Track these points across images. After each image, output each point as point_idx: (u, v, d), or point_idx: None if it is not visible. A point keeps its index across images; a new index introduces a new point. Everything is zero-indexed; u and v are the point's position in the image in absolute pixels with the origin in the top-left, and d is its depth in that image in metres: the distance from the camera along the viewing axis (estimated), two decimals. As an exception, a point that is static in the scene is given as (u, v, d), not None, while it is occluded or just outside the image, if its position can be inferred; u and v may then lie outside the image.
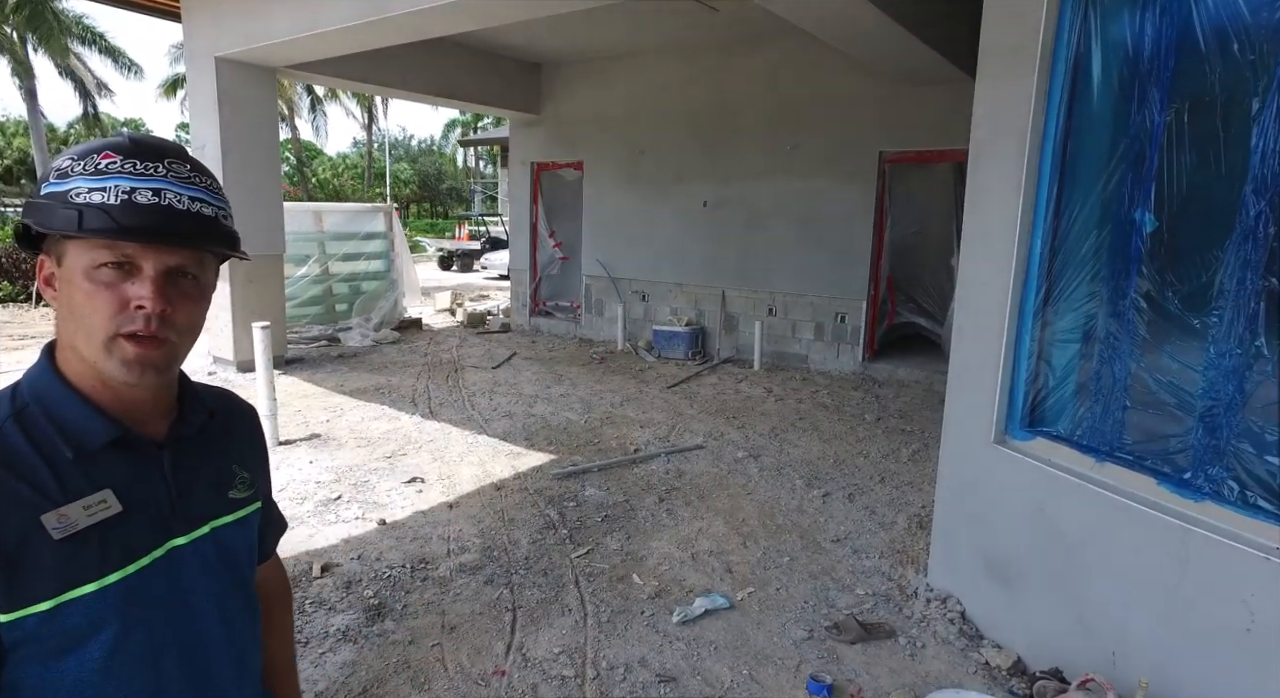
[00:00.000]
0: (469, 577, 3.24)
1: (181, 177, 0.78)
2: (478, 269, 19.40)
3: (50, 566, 0.73)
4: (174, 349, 0.80)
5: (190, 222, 0.78)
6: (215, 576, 0.89)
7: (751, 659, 2.71)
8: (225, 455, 0.95)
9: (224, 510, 0.92)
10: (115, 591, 0.77)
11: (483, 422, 5.61)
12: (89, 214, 0.73)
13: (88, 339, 0.77)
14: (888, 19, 4.66)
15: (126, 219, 0.74)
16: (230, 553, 0.92)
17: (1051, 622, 2.50)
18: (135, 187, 0.75)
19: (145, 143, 0.79)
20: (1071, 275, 2.52)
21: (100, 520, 0.77)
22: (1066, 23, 2.42)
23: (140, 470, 0.83)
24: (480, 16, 5.37)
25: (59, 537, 0.74)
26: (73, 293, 0.77)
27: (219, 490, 0.92)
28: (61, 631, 0.74)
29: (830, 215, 7.45)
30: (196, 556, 0.86)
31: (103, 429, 0.79)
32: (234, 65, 6.68)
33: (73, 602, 0.75)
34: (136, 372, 0.77)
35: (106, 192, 0.74)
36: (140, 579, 0.80)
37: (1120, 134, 2.27)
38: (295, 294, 8.76)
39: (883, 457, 5.02)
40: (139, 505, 0.81)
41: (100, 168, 0.75)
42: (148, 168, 0.76)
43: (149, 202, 0.75)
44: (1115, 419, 2.33)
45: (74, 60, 22.24)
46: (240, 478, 0.96)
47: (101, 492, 0.78)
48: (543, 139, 9.64)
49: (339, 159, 43.08)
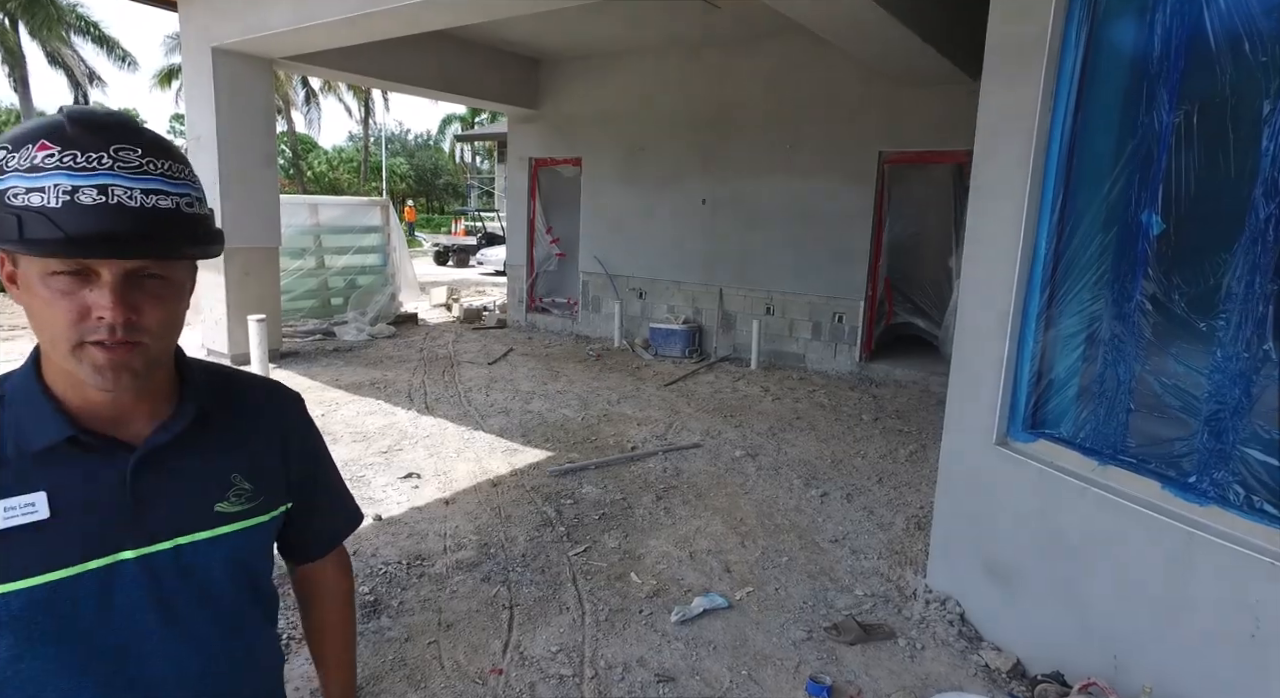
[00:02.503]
0: (466, 574, 3.22)
1: (130, 165, 0.69)
2: (473, 265, 19.34)
3: None
4: (147, 351, 0.75)
5: (145, 221, 0.69)
6: (170, 593, 0.82)
7: (750, 660, 2.70)
8: (224, 462, 0.87)
9: (199, 526, 0.83)
10: (18, 598, 0.73)
11: (479, 418, 5.58)
12: (29, 221, 0.66)
13: (53, 347, 0.73)
14: (891, 18, 4.65)
15: (71, 226, 0.66)
16: (198, 571, 0.84)
17: (1052, 625, 2.49)
18: (78, 185, 0.66)
19: (85, 122, 0.69)
20: (1076, 277, 2.51)
21: (18, 525, 0.73)
22: (1075, 22, 2.40)
23: (95, 476, 0.78)
24: (478, 10, 5.34)
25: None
26: (31, 299, 0.72)
27: (200, 502, 0.84)
28: None
29: (829, 215, 7.44)
30: (145, 571, 0.79)
31: (50, 431, 0.76)
32: (231, 56, 6.61)
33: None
34: (110, 378, 0.73)
35: (45, 192, 0.66)
36: (62, 589, 0.75)
37: (1128, 135, 2.26)
38: (290, 288, 8.70)
39: (880, 457, 5.01)
40: (80, 513, 0.76)
41: (36, 163, 0.67)
42: (90, 160, 0.67)
43: (94, 202, 0.67)
44: (1119, 422, 2.32)
45: (66, 49, 22.05)
46: (239, 489, 0.87)
47: (32, 494, 0.74)
48: (541, 135, 9.60)
49: (335, 153, 42.89)
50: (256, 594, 0.93)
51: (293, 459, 0.96)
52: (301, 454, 0.98)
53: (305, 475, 0.98)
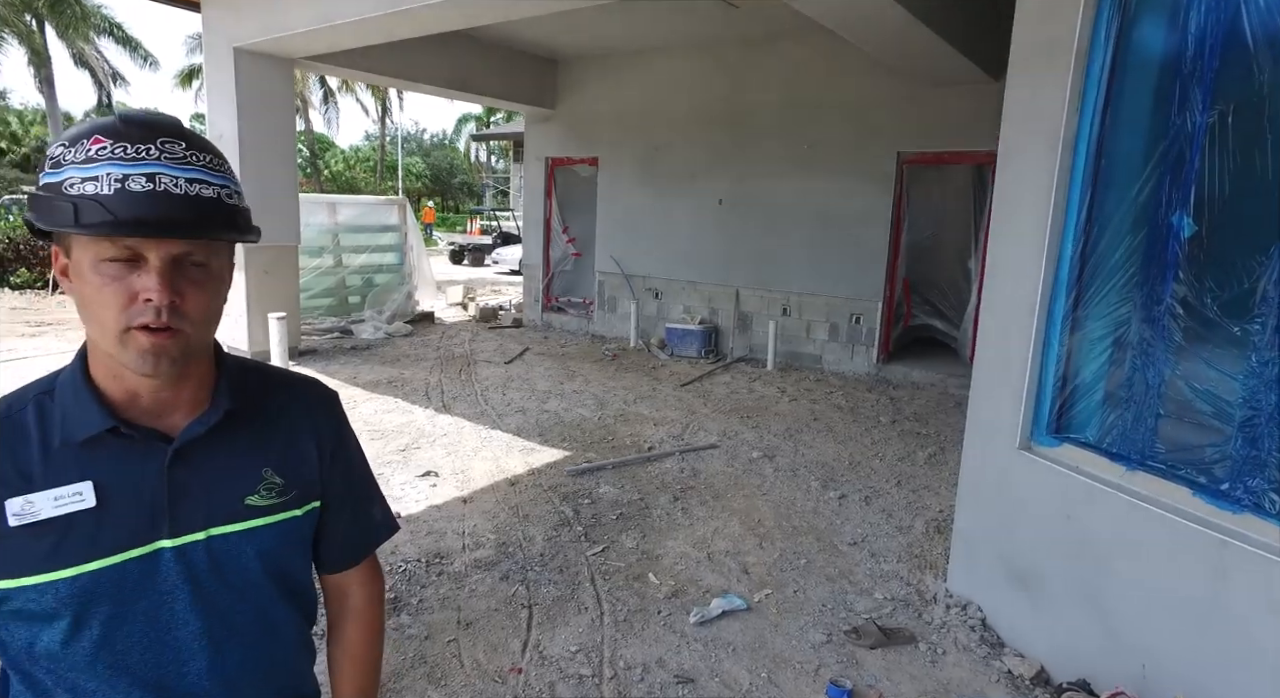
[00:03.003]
0: (484, 573, 3.23)
1: (176, 157, 0.73)
2: (489, 264, 19.41)
3: (7, 549, 0.74)
4: (188, 339, 0.77)
5: (189, 206, 0.73)
6: (205, 583, 0.83)
7: (770, 662, 2.69)
8: (256, 456, 0.89)
9: (230, 518, 0.85)
10: (68, 585, 0.76)
11: (496, 417, 5.60)
12: (84, 208, 0.70)
13: (102, 333, 0.75)
14: (912, 18, 4.61)
15: (122, 211, 0.70)
16: (230, 563, 0.85)
17: (1078, 632, 2.46)
18: (127, 173, 0.71)
19: (135, 121, 0.74)
20: (1103, 280, 2.48)
21: (69, 513, 0.76)
22: (1104, 21, 2.37)
23: (136, 466, 0.80)
24: (496, 10, 5.36)
25: (15, 523, 0.74)
26: (83, 286, 0.75)
27: (231, 494, 0.86)
28: (14, 611, 0.76)
29: (847, 216, 7.40)
30: (181, 561, 0.81)
31: (94, 421, 0.78)
32: (252, 56, 6.68)
33: (24, 588, 0.75)
34: (152, 362, 0.75)
35: (98, 181, 0.70)
36: (101, 577, 0.77)
37: (1159, 135, 2.22)
38: (309, 286, 8.77)
39: (898, 460, 4.98)
40: (124, 502, 0.78)
41: (90, 155, 0.71)
42: (139, 151, 0.72)
43: (143, 189, 0.71)
44: (1147, 427, 2.29)
45: (90, 50, 22.37)
46: (269, 483, 0.88)
47: (81, 484, 0.77)
48: (558, 134, 9.61)
49: (351, 152, 43.21)
50: (291, 591, 0.93)
51: (325, 456, 0.96)
52: (334, 452, 0.98)
53: (336, 474, 0.98)
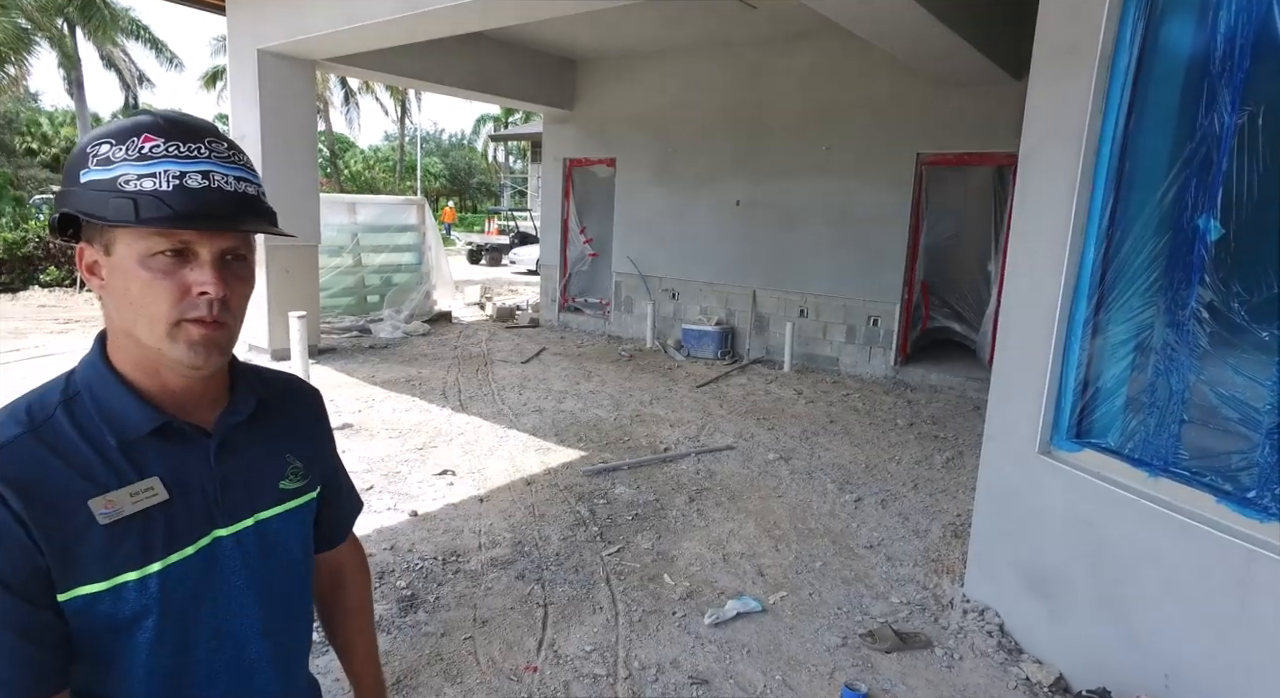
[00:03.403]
0: (500, 571, 3.25)
1: (223, 156, 0.77)
2: (506, 264, 19.50)
3: (98, 550, 0.74)
4: (231, 332, 0.80)
5: (240, 203, 0.76)
6: (256, 568, 0.88)
7: (785, 664, 2.68)
8: (277, 444, 0.93)
9: (271, 502, 0.90)
10: (157, 579, 0.78)
11: (512, 416, 5.63)
12: (144, 203, 0.72)
13: (150, 327, 0.76)
14: (932, 18, 4.57)
15: (182, 206, 0.72)
16: (277, 545, 0.90)
17: (1098, 640, 2.43)
18: (184, 170, 0.73)
19: (181, 122, 0.77)
20: (1126, 284, 2.45)
21: (146, 508, 0.77)
22: (1129, 21, 2.34)
23: (186, 460, 0.82)
24: (517, 11, 5.38)
25: (105, 522, 0.75)
26: (128, 282, 0.75)
27: (268, 481, 0.91)
28: (109, 613, 0.76)
29: (865, 217, 7.35)
30: (238, 547, 0.86)
31: (147, 417, 0.79)
32: (275, 58, 6.77)
33: (119, 587, 0.76)
34: (203, 354, 0.77)
35: (157, 177, 0.72)
36: (181, 568, 0.80)
37: (1185, 137, 2.19)
38: (328, 285, 8.86)
39: (915, 463, 4.94)
40: (183, 495, 0.81)
41: (145, 152, 0.73)
42: (191, 149, 0.74)
43: (200, 185, 0.74)
44: (1171, 433, 2.26)
45: (117, 52, 22.76)
46: (293, 468, 0.94)
47: (149, 479, 0.78)
48: (576, 135, 9.64)
49: (371, 152, 43.58)
50: (311, 570, 1.00)
51: (321, 444, 1.03)
52: (326, 441, 1.05)
53: (328, 462, 1.05)
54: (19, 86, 17.08)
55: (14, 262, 10.78)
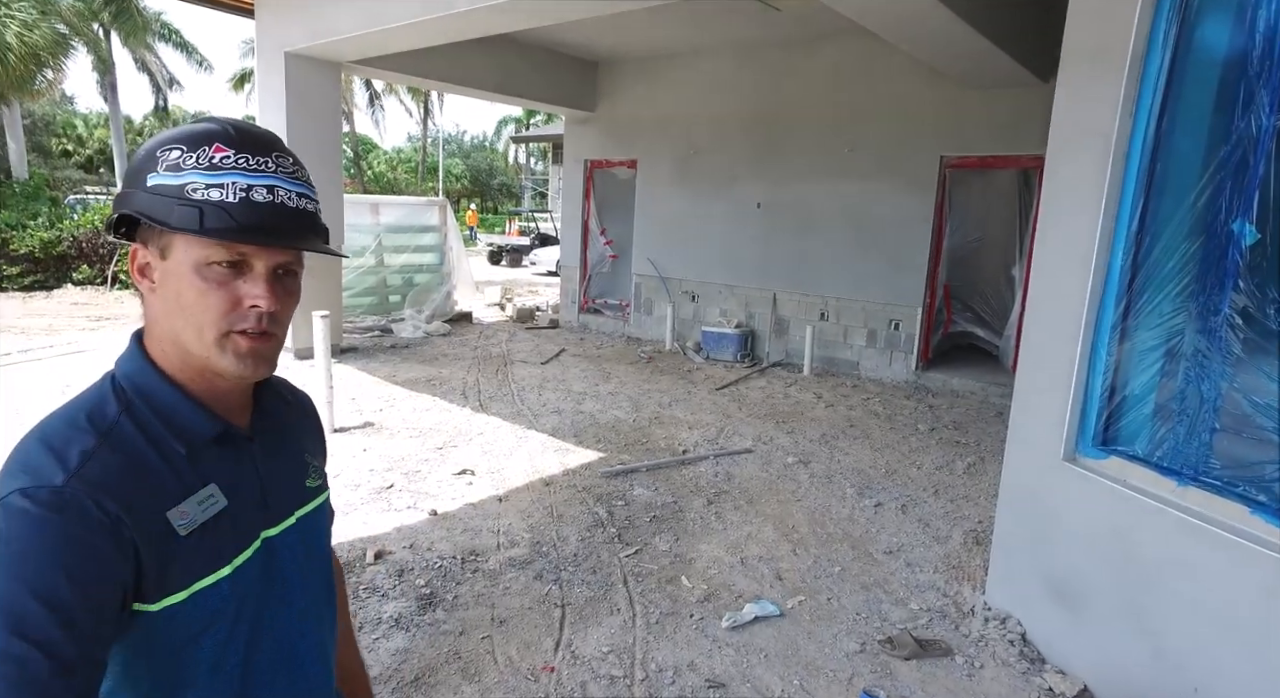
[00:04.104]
0: (518, 571, 3.26)
1: (288, 172, 0.78)
2: (526, 265, 19.60)
3: (179, 560, 0.74)
4: (278, 343, 0.81)
5: (299, 219, 0.78)
6: (301, 565, 0.90)
7: (802, 669, 2.66)
8: (298, 445, 0.96)
9: (305, 500, 0.93)
10: (228, 583, 0.79)
11: (532, 417, 5.65)
12: (209, 213, 0.72)
13: (198, 335, 0.76)
14: (957, 18, 4.53)
15: (246, 219, 0.73)
16: (314, 542, 0.94)
17: (1124, 651, 2.39)
18: (251, 184, 0.74)
19: (251, 134, 0.77)
20: (1156, 289, 2.40)
21: (212, 515, 0.78)
22: (1162, 20, 2.30)
23: (236, 464, 0.84)
24: (542, 14, 5.41)
25: (184, 532, 0.75)
26: (182, 289, 0.75)
27: (298, 480, 0.93)
28: (186, 623, 0.75)
29: (887, 220, 7.29)
30: (286, 546, 0.88)
31: (209, 424, 0.80)
32: (301, 60, 6.86)
33: (197, 595, 0.76)
34: (251, 366, 0.78)
35: (224, 188, 0.73)
36: (244, 572, 0.81)
37: (1220, 139, 2.15)
38: (350, 285, 8.97)
39: (936, 468, 4.88)
40: (238, 499, 0.82)
41: (215, 162, 0.73)
42: (260, 163, 0.75)
43: (265, 199, 0.75)
44: (1201, 441, 2.21)
45: (150, 56, 23.22)
46: (312, 467, 0.97)
47: (208, 487, 0.79)
48: (597, 137, 9.67)
49: (394, 153, 44.04)
50: (330, 564, 1.01)
51: (323, 446, 1.06)
52: (323, 445, 1.07)
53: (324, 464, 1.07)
54: (55, 90, 17.49)
55: (49, 260, 11.03)
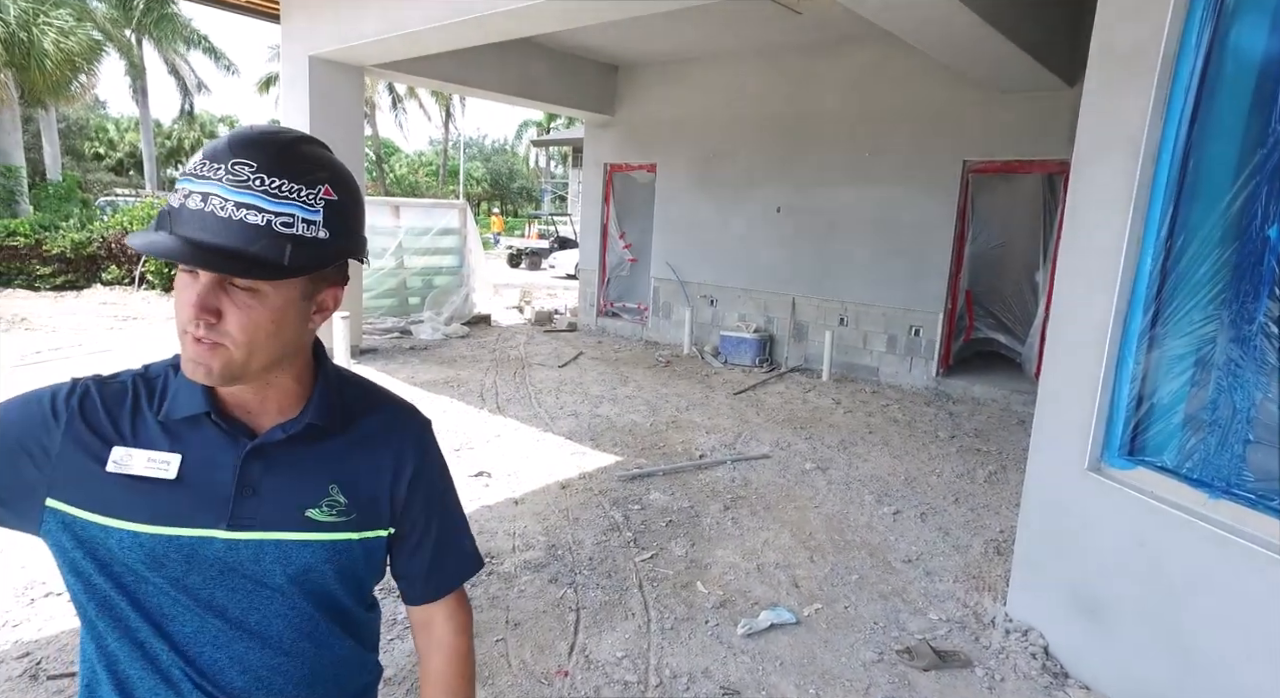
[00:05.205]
0: (534, 574, 3.26)
1: (238, 179, 0.73)
2: (545, 268, 19.68)
3: (101, 489, 0.81)
4: (229, 354, 0.77)
5: (230, 232, 0.72)
6: (253, 580, 0.84)
7: (818, 679, 2.63)
8: (323, 472, 0.89)
9: (287, 526, 0.85)
10: (126, 536, 0.81)
11: (549, 420, 5.65)
12: (160, 217, 0.75)
13: (177, 331, 0.80)
14: (981, 22, 4.47)
15: (179, 227, 0.74)
16: (273, 569, 0.85)
17: (1152, 667, 2.33)
18: (191, 190, 0.74)
19: (237, 140, 0.75)
20: (1186, 296, 2.35)
21: (151, 477, 0.81)
22: (1196, 22, 2.25)
23: (217, 455, 0.84)
24: (564, 18, 5.42)
25: (109, 469, 0.81)
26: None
27: (292, 505, 0.86)
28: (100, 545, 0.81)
29: (908, 225, 7.22)
30: (232, 554, 0.82)
31: (191, 404, 0.84)
32: (325, 64, 6.95)
33: (112, 530, 0.80)
34: (190, 368, 0.79)
35: (178, 194, 0.75)
36: (159, 543, 0.81)
37: (1256, 144, 2.09)
38: (371, 286, 9.05)
39: (957, 477, 4.82)
40: (197, 483, 0.82)
41: (189, 168, 0.76)
42: (208, 169, 0.73)
43: (196, 207, 0.73)
44: (1234, 453, 2.15)
45: (179, 60, 23.67)
46: (332, 500, 0.88)
47: (170, 455, 0.82)
48: (617, 140, 9.69)
49: (415, 156, 44.46)
50: (335, 609, 0.91)
51: (402, 484, 0.94)
52: (414, 480, 0.95)
53: (415, 504, 0.96)
54: (88, 94, 17.89)
55: (79, 261, 11.26)
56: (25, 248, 10.91)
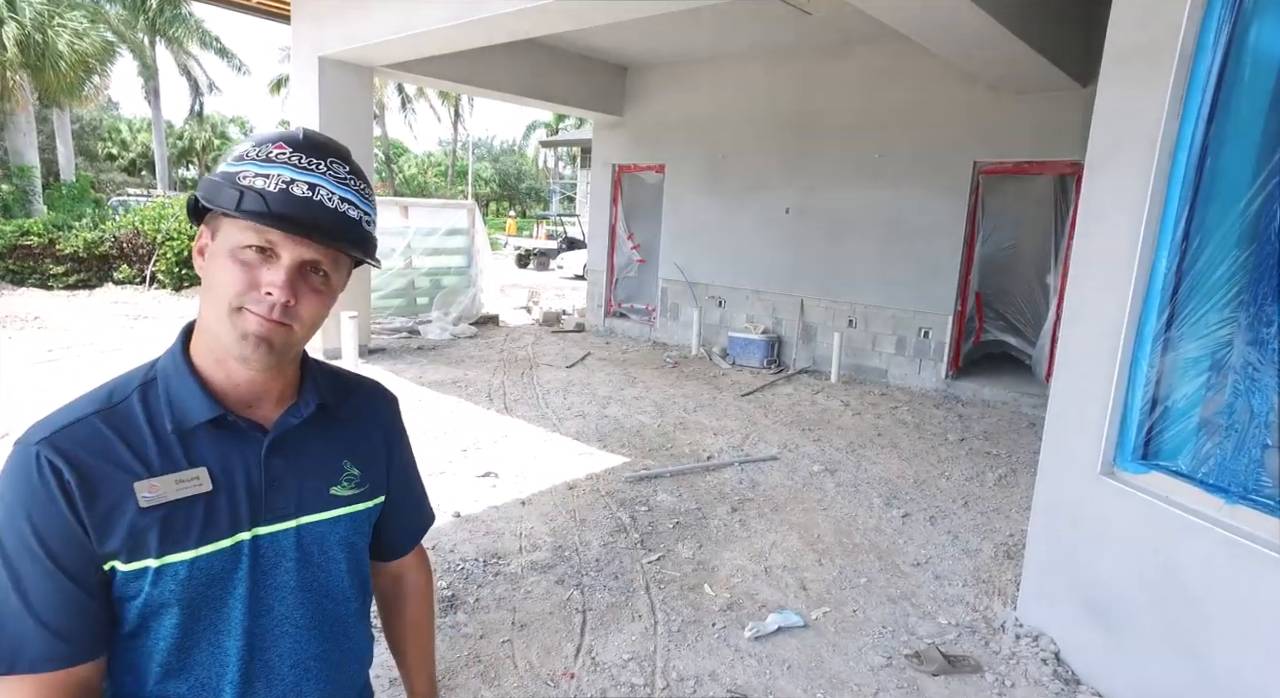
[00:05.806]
0: (540, 575, 3.25)
1: (338, 177, 0.82)
2: (553, 268, 19.69)
3: (146, 530, 0.77)
4: (291, 335, 0.82)
5: (334, 220, 0.80)
6: (296, 571, 0.88)
7: (826, 682, 2.61)
8: (336, 449, 0.94)
9: (319, 507, 0.90)
10: (185, 567, 0.79)
11: (556, 420, 5.65)
12: (248, 197, 0.77)
13: (214, 307, 0.80)
14: (993, 22, 4.44)
15: (278, 207, 0.77)
16: (319, 551, 0.90)
17: (1166, 675, 2.30)
18: (295, 178, 0.78)
19: (315, 140, 0.83)
20: (1202, 298, 2.32)
21: (189, 496, 0.80)
22: (1214, 21, 2.22)
23: (237, 454, 0.84)
24: (574, 18, 5.42)
25: (145, 505, 0.78)
26: (215, 268, 0.81)
27: (319, 485, 0.91)
28: (134, 595, 0.78)
29: (918, 226, 7.18)
30: (274, 548, 0.86)
31: (203, 408, 0.82)
32: (335, 64, 6.97)
33: (146, 570, 0.78)
34: (252, 344, 0.79)
35: (269, 179, 0.78)
36: (212, 562, 0.81)
37: (1275, 143, 2.06)
38: (379, 286, 9.08)
39: (966, 480, 4.78)
40: (228, 488, 0.82)
41: (269, 156, 0.79)
42: (310, 163, 0.80)
43: (303, 194, 0.78)
44: (1251, 458, 2.12)
45: (191, 61, 23.84)
46: (349, 475, 0.94)
47: (196, 469, 0.81)
48: (625, 141, 9.68)
49: (424, 157, 44.60)
50: (362, 582, 0.98)
51: (393, 454, 1.03)
52: (398, 451, 1.05)
53: (399, 471, 1.04)
54: (102, 95, 18.04)
55: (92, 260, 11.33)
56: (39, 247, 11.00)
